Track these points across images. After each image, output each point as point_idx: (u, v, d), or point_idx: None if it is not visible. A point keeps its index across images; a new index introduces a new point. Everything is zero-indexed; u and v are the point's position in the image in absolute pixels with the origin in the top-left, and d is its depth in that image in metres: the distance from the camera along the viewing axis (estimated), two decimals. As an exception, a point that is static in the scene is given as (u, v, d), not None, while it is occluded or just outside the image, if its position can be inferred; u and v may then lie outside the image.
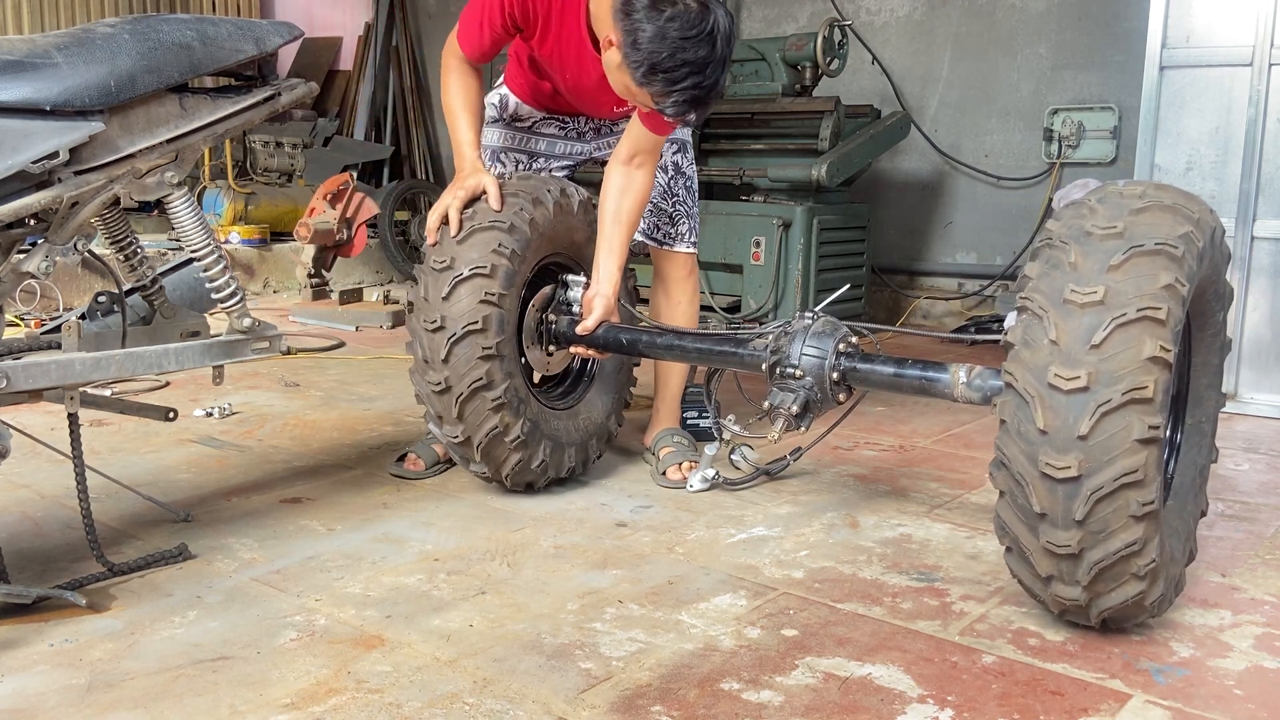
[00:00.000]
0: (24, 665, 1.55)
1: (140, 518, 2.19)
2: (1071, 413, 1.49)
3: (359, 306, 5.28)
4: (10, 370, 1.67)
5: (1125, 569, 1.55)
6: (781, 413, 2.04)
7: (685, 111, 2.08)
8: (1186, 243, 1.56)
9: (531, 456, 2.28)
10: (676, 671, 1.56)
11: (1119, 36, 4.89)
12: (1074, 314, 1.51)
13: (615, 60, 2.07)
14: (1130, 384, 1.47)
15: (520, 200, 2.23)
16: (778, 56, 4.92)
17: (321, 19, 8.52)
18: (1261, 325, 3.38)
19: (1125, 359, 1.47)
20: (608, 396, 2.55)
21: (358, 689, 1.49)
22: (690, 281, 2.68)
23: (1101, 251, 1.54)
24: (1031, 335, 1.55)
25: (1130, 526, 1.51)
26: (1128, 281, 1.51)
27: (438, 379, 2.15)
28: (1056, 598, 1.63)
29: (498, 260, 2.15)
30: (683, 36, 1.99)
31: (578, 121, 2.61)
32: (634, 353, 2.35)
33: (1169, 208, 1.60)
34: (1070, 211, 1.65)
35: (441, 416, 2.20)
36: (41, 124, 1.61)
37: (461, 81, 2.34)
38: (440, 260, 2.16)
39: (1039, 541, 1.57)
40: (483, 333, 2.13)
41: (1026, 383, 1.54)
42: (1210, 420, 1.94)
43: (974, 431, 3.11)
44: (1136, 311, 1.48)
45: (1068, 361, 1.50)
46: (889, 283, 5.60)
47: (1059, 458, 1.50)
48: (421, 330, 2.16)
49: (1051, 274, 1.57)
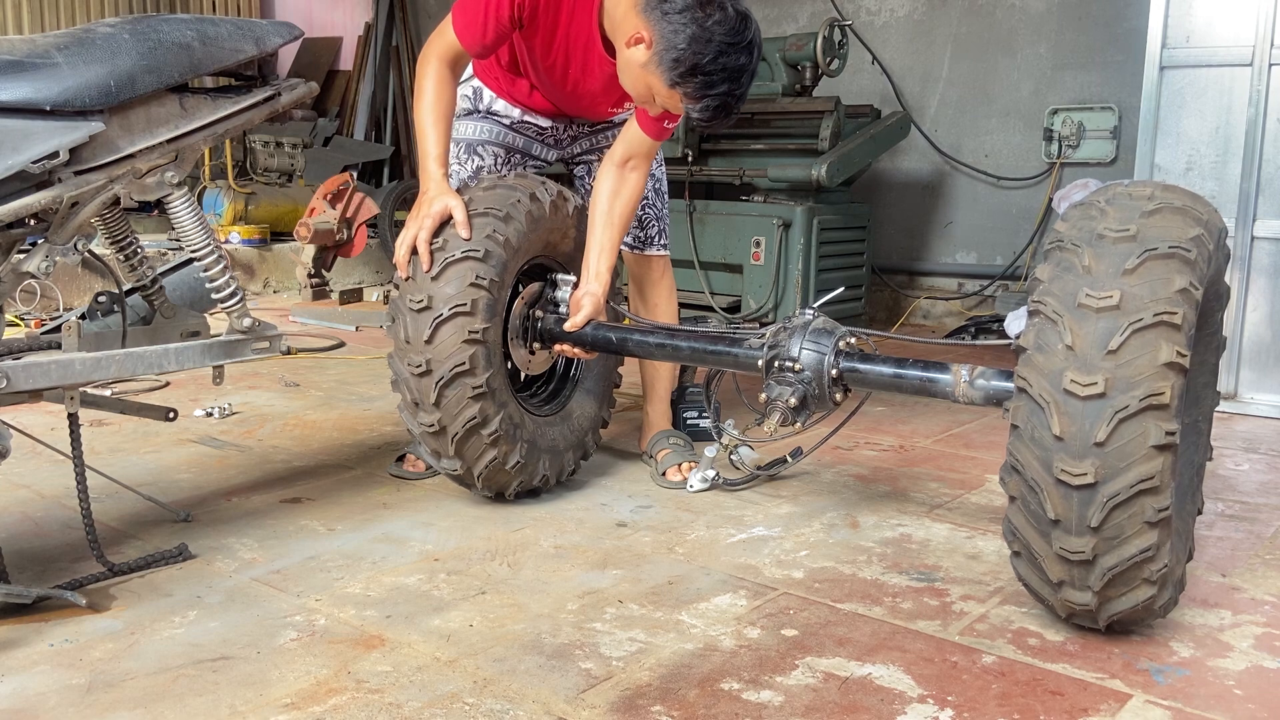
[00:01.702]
0: (24, 665, 1.55)
1: (140, 518, 2.19)
2: (1088, 419, 1.47)
3: (359, 306, 5.29)
4: (10, 370, 1.67)
5: (1138, 574, 1.54)
6: (779, 405, 2.01)
7: (714, 117, 2.06)
8: (1199, 246, 1.54)
9: (532, 474, 2.28)
10: (676, 671, 1.56)
11: (1119, 36, 4.89)
12: (1089, 319, 1.49)
13: (641, 59, 2.04)
14: (1148, 390, 1.45)
15: (490, 220, 2.12)
16: (778, 56, 4.92)
17: (321, 19, 8.52)
18: (1261, 325, 3.38)
19: (1142, 365, 1.46)
20: (595, 394, 2.51)
21: (358, 689, 1.49)
22: (665, 282, 2.65)
23: (1115, 255, 1.52)
24: (1045, 340, 1.53)
25: (1145, 532, 1.50)
26: (1143, 286, 1.49)
27: (430, 420, 2.10)
28: (1066, 602, 1.62)
29: (476, 294, 2.06)
30: (727, 41, 1.98)
31: (556, 127, 2.54)
32: (624, 352, 2.31)
33: (1179, 210, 1.58)
34: (1079, 213, 1.63)
35: (439, 453, 2.16)
36: (41, 124, 1.61)
37: (438, 90, 2.20)
38: (417, 300, 2.06)
39: (1052, 548, 1.55)
40: (471, 373, 2.06)
41: (1041, 388, 1.52)
42: (1207, 419, 1.93)
43: (974, 431, 3.11)
44: (1153, 316, 1.47)
45: (1084, 367, 1.48)
46: (889, 283, 5.60)
47: (1075, 464, 1.48)
48: (407, 374, 2.09)
49: (1064, 277, 1.55)
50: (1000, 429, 3.12)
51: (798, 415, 2.03)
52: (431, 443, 2.15)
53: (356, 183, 5.36)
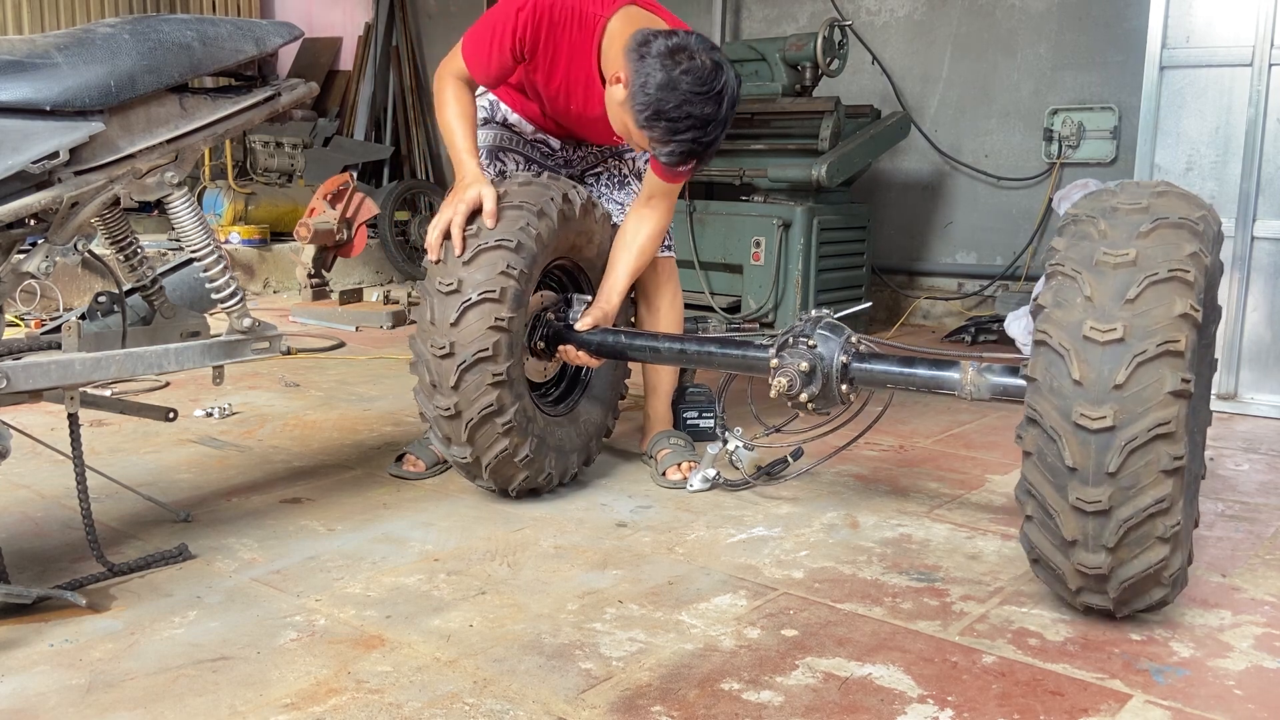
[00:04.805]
0: (24, 665, 1.55)
1: (140, 518, 2.19)
2: (1107, 364, 1.53)
3: (359, 306, 5.28)
4: (10, 370, 1.67)
5: (1152, 530, 1.56)
6: (790, 370, 2.07)
7: (680, 162, 2.14)
8: (1205, 223, 1.65)
9: (539, 471, 2.29)
10: (676, 671, 1.56)
11: (1119, 36, 4.89)
12: (1107, 273, 1.57)
13: (619, 97, 2.11)
14: (1164, 337, 1.52)
15: (525, 214, 2.17)
16: (778, 56, 4.92)
17: (321, 19, 8.52)
18: (1261, 325, 3.38)
19: (1159, 315, 1.53)
20: (602, 401, 2.55)
21: (358, 689, 1.49)
22: (670, 285, 2.67)
23: (1129, 224, 1.62)
24: (1064, 295, 1.61)
25: (1160, 482, 1.53)
26: (1156, 248, 1.58)
27: (447, 404, 2.12)
28: (1079, 567, 1.62)
29: (506, 283, 2.10)
30: (693, 91, 2.04)
31: (567, 148, 2.62)
32: (629, 357, 2.36)
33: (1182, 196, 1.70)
34: (1090, 199, 1.73)
35: (450, 438, 2.18)
36: (41, 124, 1.61)
37: (458, 96, 2.30)
38: (446, 282, 2.10)
39: (1068, 500, 1.58)
40: (493, 359, 2.09)
41: (1060, 338, 1.58)
42: (1201, 433, 1.96)
43: (974, 431, 3.11)
44: (1168, 271, 1.55)
45: (1103, 316, 1.55)
46: (889, 283, 5.59)
47: (1094, 409, 1.53)
48: (429, 355, 2.12)
49: (1080, 244, 1.64)
50: (1001, 430, 3.12)
51: (808, 382, 2.06)
52: (445, 428, 2.16)
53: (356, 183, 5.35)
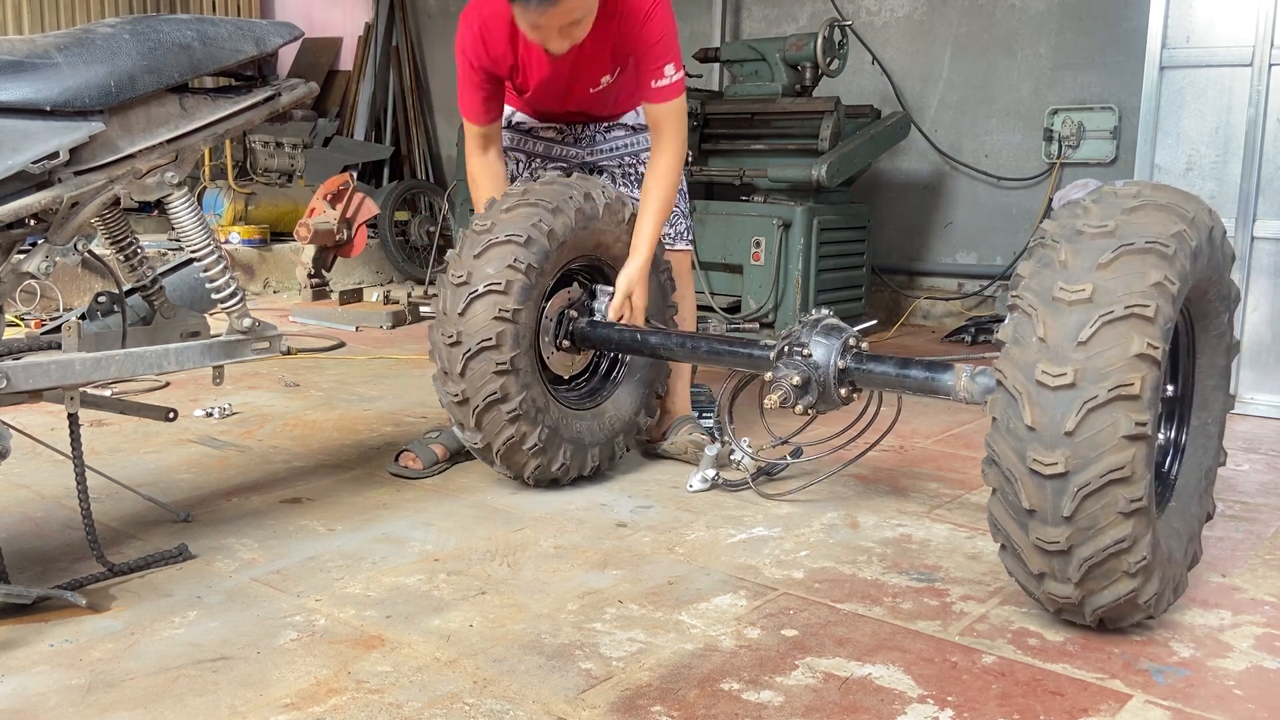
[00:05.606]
0: (24, 665, 1.55)
1: (140, 518, 2.19)
2: (1059, 409, 1.50)
3: (359, 306, 5.28)
4: (10, 370, 1.67)
5: (1116, 566, 1.55)
6: (783, 383, 2.10)
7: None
8: (1179, 241, 1.56)
9: (551, 460, 2.33)
10: (676, 672, 1.56)
11: (1119, 36, 4.89)
12: (1062, 311, 1.52)
13: None
14: (1117, 380, 1.47)
15: (539, 210, 2.25)
16: (778, 56, 4.92)
17: (321, 19, 8.51)
18: (1261, 325, 3.38)
19: (1112, 356, 1.48)
20: (637, 393, 2.56)
21: (358, 689, 1.49)
22: (686, 280, 2.71)
23: (1091, 250, 1.56)
24: (1021, 333, 1.57)
25: (1119, 523, 1.51)
26: (1116, 280, 1.51)
27: (455, 390, 2.22)
28: (1050, 595, 1.63)
29: (513, 275, 2.20)
30: None
31: (573, 128, 2.67)
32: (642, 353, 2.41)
33: (1163, 206, 1.61)
34: (1065, 211, 1.67)
35: (462, 424, 2.28)
36: (41, 124, 1.61)
37: (486, 172, 2.50)
38: (458, 275, 2.22)
39: (1029, 538, 1.58)
40: (497, 348, 2.18)
41: (1015, 380, 1.55)
42: (1216, 422, 1.93)
43: (974, 431, 3.11)
44: (1124, 309, 1.49)
45: (1055, 358, 1.51)
46: (889, 283, 5.59)
47: (1046, 454, 1.51)
48: (441, 343, 2.23)
49: (1042, 272, 1.59)
50: (1000, 429, 3.11)
51: (802, 395, 2.09)
52: (456, 413, 2.27)
53: (356, 183, 5.36)
